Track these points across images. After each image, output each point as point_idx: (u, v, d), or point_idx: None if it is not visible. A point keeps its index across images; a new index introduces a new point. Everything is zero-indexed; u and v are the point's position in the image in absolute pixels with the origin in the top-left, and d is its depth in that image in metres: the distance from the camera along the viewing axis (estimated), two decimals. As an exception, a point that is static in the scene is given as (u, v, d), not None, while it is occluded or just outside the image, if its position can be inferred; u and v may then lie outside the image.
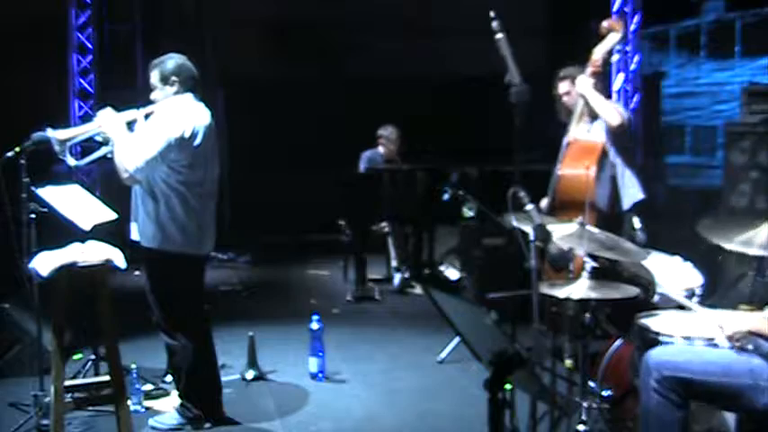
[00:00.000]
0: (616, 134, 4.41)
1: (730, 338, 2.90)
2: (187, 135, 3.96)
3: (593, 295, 3.32)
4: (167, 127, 3.94)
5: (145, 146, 3.90)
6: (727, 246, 3.11)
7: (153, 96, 4.13)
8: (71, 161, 4.08)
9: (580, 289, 3.34)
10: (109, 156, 4.08)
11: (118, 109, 4.09)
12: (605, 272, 3.56)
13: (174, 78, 4.08)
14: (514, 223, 3.11)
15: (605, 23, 4.51)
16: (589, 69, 4.43)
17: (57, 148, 3.95)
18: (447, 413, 4.52)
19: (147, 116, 4.09)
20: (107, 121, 4.03)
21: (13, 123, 5.02)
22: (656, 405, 2.88)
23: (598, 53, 4.43)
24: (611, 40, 4.44)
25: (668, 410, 2.87)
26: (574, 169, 4.14)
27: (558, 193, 4.25)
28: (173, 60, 4.11)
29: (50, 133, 3.94)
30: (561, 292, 3.35)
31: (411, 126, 8.02)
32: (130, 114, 4.07)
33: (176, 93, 4.09)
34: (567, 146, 4.38)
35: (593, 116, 4.49)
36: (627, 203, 4.52)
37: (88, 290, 3.79)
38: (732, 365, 2.85)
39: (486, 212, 5.65)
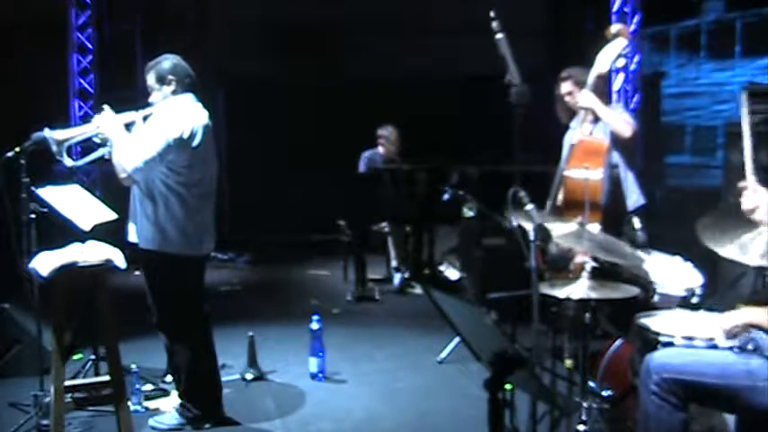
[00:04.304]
0: (623, 139, 4.38)
1: (728, 333, 2.89)
2: (186, 136, 3.96)
3: (593, 295, 3.32)
4: (166, 128, 3.94)
5: (143, 146, 3.90)
6: (723, 253, 3.09)
7: (151, 99, 4.13)
8: (68, 161, 4.08)
9: (580, 289, 3.34)
10: (106, 157, 4.08)
11: (117, 110, 4.09)
12: (605, 272, 3.56)
13: (170, 77, 4.08)
14: (515, 223, 3.11)
15: (614, 29, 4.36)
16: (593, 78, 4.30)
17: (54, 148, 3.94)
18: (447, 413, 4.52)
19: (145, 118, 4.08)
20: (105, 123, 4.02)
21: (13, 123, 5.01)
22: (655, 408, 2.88)
23: (605, 63, 4.23)
24: (618, 46, 4.31)
25: (667, 413, 2.86)
26: (581, 170, 4.12)
27: (565, 194, 4.24)
28: (168, 60, 4.12)
29: (48, 133, 3.94)
30: (561, 292, 3.35)
31: (411, 126, 8.02)
32: (129, 116, 4.07)
33: (174, 92, 4.08)
34: (572, 146, 4.34)
35: (597, 118, 4.46)
36: (629, 207, 4.50)
37: (88, 290, 3.79)
38: (730, 367, 2.84)
39: (486, 212, 5.65)
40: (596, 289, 3.34)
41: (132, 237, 4.13)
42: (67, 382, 3.87)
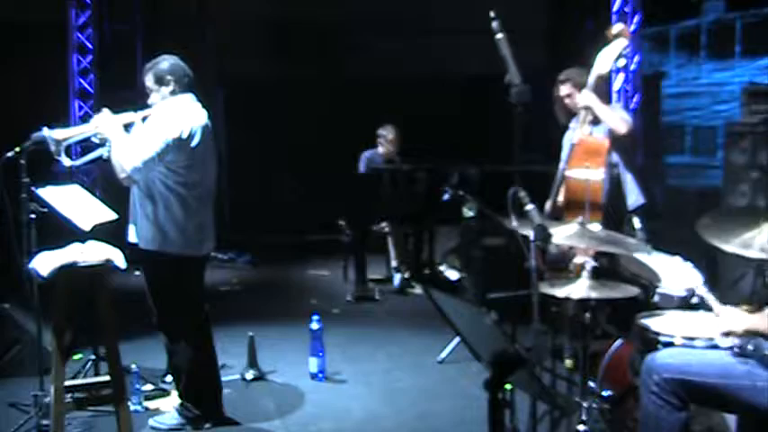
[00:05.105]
0: (620, 138, 4.38)
1: (726, 336, 2.89)
2: (185, 136, 3.96)
3: (594, 295, 3.32)
4: (165, 128, 3.94)
5: (143, 146, 3.90)
6: (727, 248, 3.09)
7: (150, 100, 4.12)
8: (66, 161, 4.07)
9: (580, 288, 3.34)
10: (105, 157, 4.07)
11: (117, 110, 4.09)
12: (605, 271, 3.56)
13: (169, 78, 4.07)
14: (514, 223, 3.11)
15: (615, 29, 4.32)
16: (593, 78, 4.28)
17: (52, 147, 3.94)
18: (447, 413, 4.52)
19: (144, 119, 4.08)
20: (104, 123, 4.02)
21: (13, 123, 5.01)
22: (655, 408, 2.88)
23: (606, 63, 4.22)
24: (618, 46, 4.29)
25: (668, 414, 2.87)
26: (582, 170, 4.12)
27: (566, 194, 4.24)
28: (166, 61, 4.12)
29: (47, 132, 3.93)
30: (561, 292, 3.35)
31: (411, 126, 8.02)
32: (128, 117, 4.07)
33: (173, 93, 4.08)
34: (573, 146, 4.34)
35: (596, 119, 4.46)
36: (629, 206, 4.50)
37: (88, 290, 3.79)
38: (730, 367, 2.84)
39: (486, 212, 5.65)
40: (596, 288, 3.34)
41: (132, 237, 4.13)
42: (67, 382, 3.87)
